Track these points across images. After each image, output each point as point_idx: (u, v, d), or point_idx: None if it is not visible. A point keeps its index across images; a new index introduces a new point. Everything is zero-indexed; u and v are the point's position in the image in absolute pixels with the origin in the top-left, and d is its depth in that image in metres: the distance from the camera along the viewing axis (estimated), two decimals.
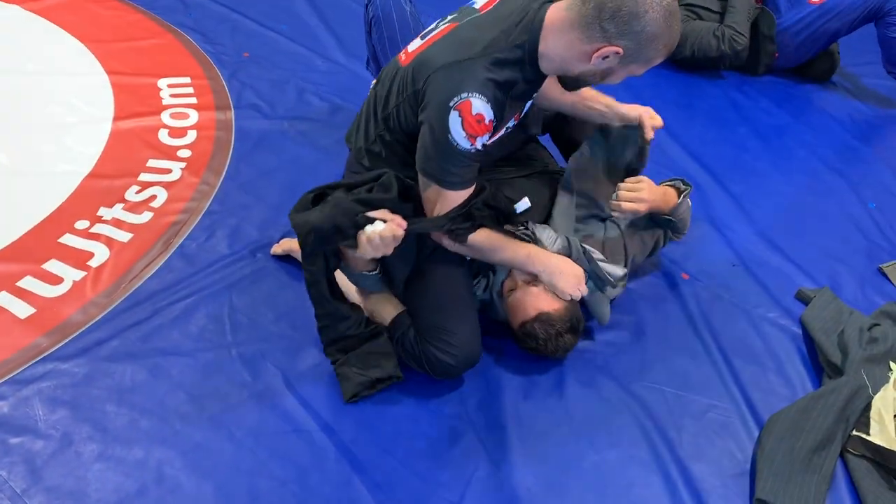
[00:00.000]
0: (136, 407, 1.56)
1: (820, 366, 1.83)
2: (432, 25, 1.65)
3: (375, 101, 1.70)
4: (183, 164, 2.25)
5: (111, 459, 1.46)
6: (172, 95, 2.54)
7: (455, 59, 1.48)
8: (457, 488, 1.49)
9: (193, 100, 2.53)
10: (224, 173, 2.25)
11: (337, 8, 3.18)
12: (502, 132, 1.66)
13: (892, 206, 2.43)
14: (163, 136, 2.35)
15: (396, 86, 1.61)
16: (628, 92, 2.24)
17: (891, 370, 1.73)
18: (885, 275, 2.14)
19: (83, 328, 1.71)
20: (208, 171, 2.23)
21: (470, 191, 1.57)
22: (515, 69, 1.50)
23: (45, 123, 2.34)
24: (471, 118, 1.46)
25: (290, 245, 1.93)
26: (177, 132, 2.38)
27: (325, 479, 1.47)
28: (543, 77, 1.58)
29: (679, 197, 1.86)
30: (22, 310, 1.73)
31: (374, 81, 1.88)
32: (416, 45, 1.63)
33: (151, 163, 2.23)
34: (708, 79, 3.07)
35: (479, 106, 1.46)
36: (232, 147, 2.36)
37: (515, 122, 1.70)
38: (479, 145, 1.51)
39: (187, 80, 2.63)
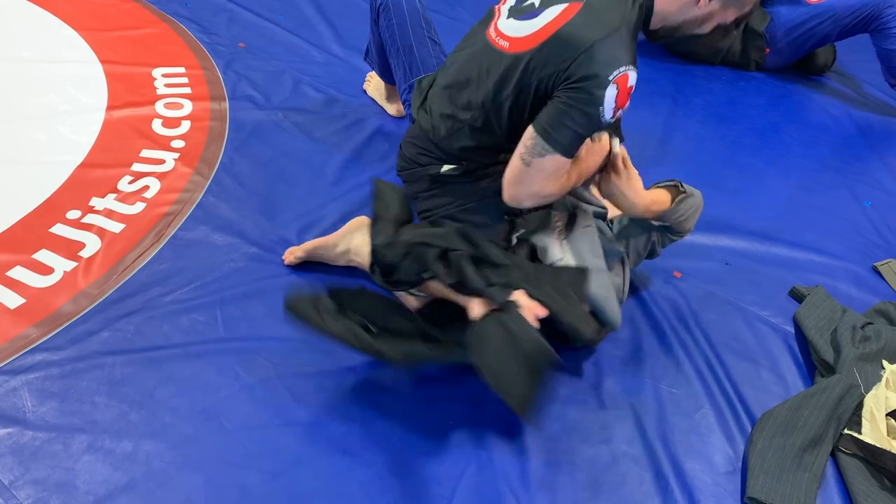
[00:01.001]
0: (125, 399, 1.55)
1: (813, 364, 1.83)
2: (528, 4, 1.62)
3: (464, 93, 1.68)
4: (176, 155, 2.23)
5: (100, 451, 1.45)
6: (167, 85, 2.52)
7: (605, 34, 1.47)
8: (448, 483, 1.48)
9: (188, 90, 2.52)
10: (218, 164, 2.23)
11: None
12: None
13: (888, 205, 2.43)
14: (156, 126, 2.33)
15: (512, 73, 1.58)
16: None
17: (883, 369, 1.73)
18: (879, 273, 2.14)
19: (73, 319, 1.70)
20: (202, 162, 2.22)
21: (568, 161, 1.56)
22: (637, 29, 1.54)
23: (38, 112, 2.32)
24: (625, 90, 1.49)
25: (313, 250, 1.88)
26: (171, 122, 2.36)
27: (315, 472, 1.47)
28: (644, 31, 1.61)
29: (672, 202, 1.78)
30: (11, 300, 1.72)
31: (430, 75, 1.88)
32: (517, 29, 1.60)
33: (145, 153, 2.21)
34: (703, 75, 3.06)
35: (633, 78, 1.49)
36: (226, 138, 2.34)
37: None
38: (617, 115, 1.53)
39: (182, 69, 2.61)
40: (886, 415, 1.63)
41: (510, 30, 1.63)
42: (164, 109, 2.41)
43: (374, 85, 2.58)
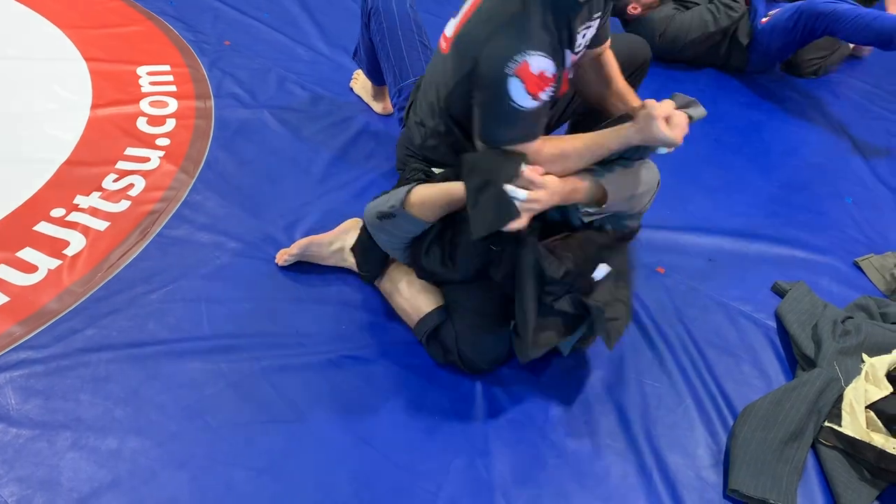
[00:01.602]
0: (110, 397, 1.55)
1: (794, 358, 1.85)
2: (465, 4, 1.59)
3: (426, 97, 1.68)
4: (161, 153, 2.23)
5: (84, 449, 1.45)
6: (152, 83, 2.52)
7: (494, 29, 1.42)
8: (435, 478, 1.49)
9: (173, 88, 2.51)
10: (203, 162, 2.23)
11: None
12: (581, 51, 1.58)
13: (868, 201, 2.45)
14: (141, 124, 2.33)
15: (445, 76, 1.58)
16: None
17: (863, 362, 1.76)
18: (859, 268, 2.16)
19: (58, 317, 1.70)
20: (187, 160, 2.22)
21: (536, 142, 1.48)
22: (558, 10, 1.44)
23: (22, 110, 2.31)
24: (532, 77, 1.40)
25: (306, 246, 1.87)
26: (156, 120, 2.35)
27: (302, 469, 1.47)
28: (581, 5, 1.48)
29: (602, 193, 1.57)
30: None
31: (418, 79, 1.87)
32: (451, 28, 1.58)
33: (129, 151, 2.21)
34: (687, 75, 3.08)
35: (538, 63, 1.39)
36: (211, 136, 2.34)
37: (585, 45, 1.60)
38: (545, 97, 1.44)
39: (167, 67, 2.60)
40: (866, 407, 1.65)
41: (448, 29, 1.61)
42: (149, 107, 2.40)
43: (360, 83, 2.58)
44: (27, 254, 1.84)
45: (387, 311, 1.80)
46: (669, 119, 1.48)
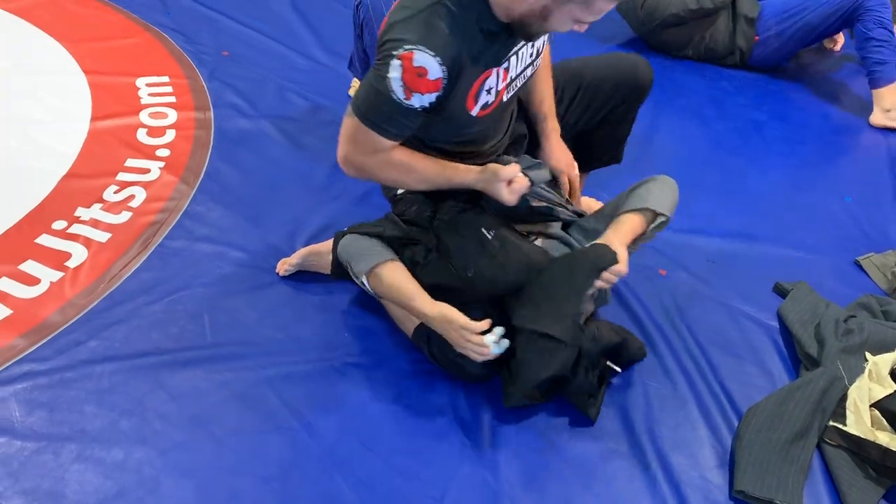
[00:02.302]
0: (115, 408, 1.55)
1: (797, 358, 1.85)
2: None
3: None
4: (162, 164, 2.24)
5: (90, 460, 1.45)
6: (151, 95, 2.53)
7: (404, 16, 1.42)
8: (440, 485, 1.49)
9: (172, 99, 2.52)
10: (203, 173, 2.24)
11: (317, 6, 3.17)
12: (494, 104, 1.58)
13: (868, 200, 2.45)
14: (141, 135, 2.34)
15: None
16: None
17: (866, 361, 1.75)
18: (861, 267, 2.16)
19: (61, 329, 1.70)
20: (187, 171, 2.22)
21: (388, 144, 1.51)
22: (471, 19, 1.42)
23: (21, 123, 2.32)
24: (412, 69, 1.39)
25: (306, 256, 1.88)
26: (155, 131, 2.36)
27: (307, 477, 1.47)
28: (506, 28, 1.47)
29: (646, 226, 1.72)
30: None
31: None
32: None
33: (130, 162, 2.22)
34: (684, 73, 3.09)
35: (422, 59, 1.38)
36: (211, 146, 2.35)
37: (500, 95, 1.58)
38: (415, 104, 1.43)
39: (166, 79, 2.61)
40: (870, 406, 1.65)
41: None
42: (149, 119, 2.41)
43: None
44: (29, 266, 1.84)
45: (388, 317, 1.80)
46: (511, 182, 1.57)
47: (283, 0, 3.18)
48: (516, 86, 1.64)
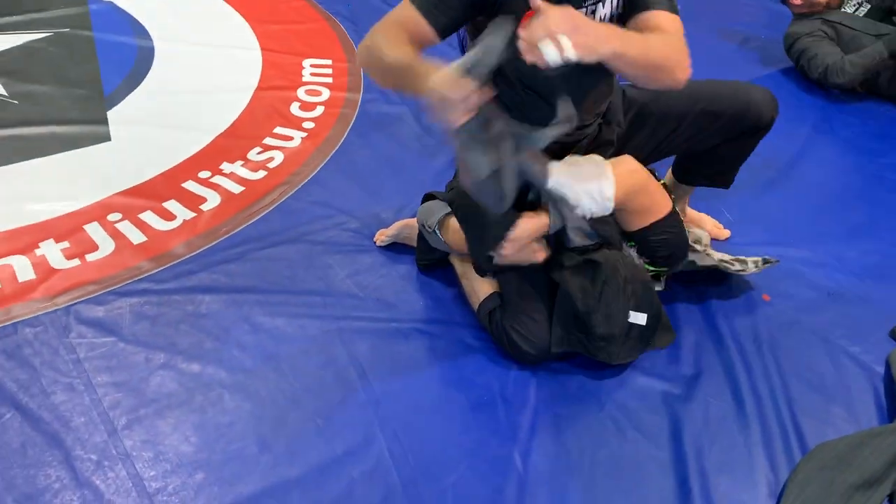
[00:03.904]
0: (204, 330, 1.76)
1: (895, 408, 1.69)
2: None
3: None
4: (304, 134, 2.46)
5: (173, 369, 1.66)
6: (312, 74, 2.78)
7: None
8: (466, 457, 1.54)
9: (329, 80, 2.76)
10: (339, 146, 2.43)
11: None
12: None
13: None
14: (294, 108, 2.58)
15: None
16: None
17: None
18: None
19: (181, 259, 1.95)
20: (325, 143, 2.43)
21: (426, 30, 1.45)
22: None
23: (203, 88, 2.65)
24: None
25: (401, 228, 2.00)
26: (307, 106, 2.60)
27: (348, 421, 1.58)
28: None
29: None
30: (136, 237, 2.00)
31: None
32: None
33: (277, 129, 2.46)
34: (856, 106, 2.87)
35: None
36: (352, 124, 2.55)
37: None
38: None
39: (329, 62, 2.86)
40: None
41: None
42: (305, 94, 2.66)
43: None
44: (171, 205, 2.12)
45: (462, 294, 1.88)
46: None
47: None
48: None
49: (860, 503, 1.47)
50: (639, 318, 1.64)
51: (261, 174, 2.27)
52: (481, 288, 1.78)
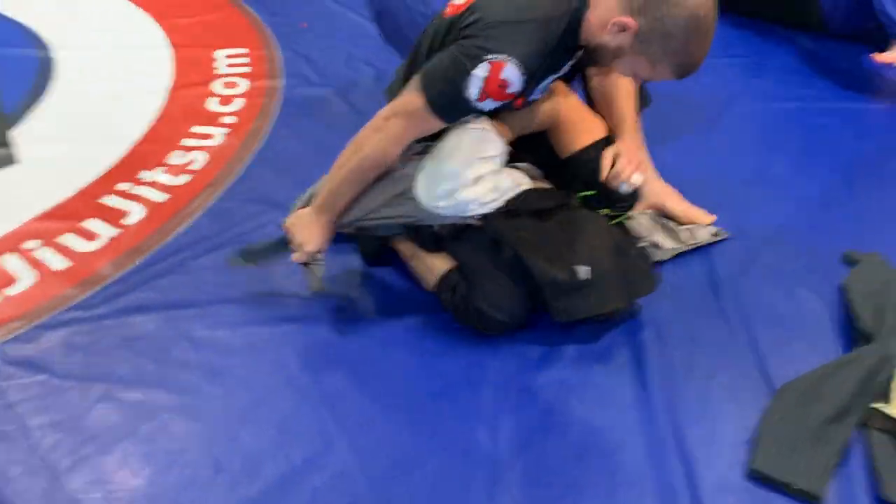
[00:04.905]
0: (142, 354, 1.66)
1: (855, 336, 1.68)
2: None
3: (415, 56, 1.68)
4: (227, 130, 2.35)
5: (112, 400, 1.56)
6: (228, 66, 2.66)
7: (512, 19, 1.44)
8: (431, 439, 1.49)
9: (247, 69, 2.64)
10: (265, 139, 2.33)
11: None
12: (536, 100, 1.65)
13: None
14: (212, 103, 2.46)
15: (440, 36, 1.58)
16: None
17: None
18: None
19: (109, 280, 1.83)
20: (249, 137, 2.32)
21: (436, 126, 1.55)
22: (564, 38, 1.47)
23: (111, 94, 2.51)
24: (496, 79, 1.43)
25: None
26: (226, 100, 2.48)
27: (304, 427, 1.51)
28: (576, 47, 1.53)
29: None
30: (58, 263, 1.88)
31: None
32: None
33: (195, 129, 2.35)
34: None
35: (511, 73, 1.43)
36: (277, 115, 2.44)
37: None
38: (485, 107, 1.50)
39: (245, 50, 2.74)
40: None
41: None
42: (222, 88, 2.53)
43: None
44: (91, 223, 1.99)
45: (411, 277, 1.81)
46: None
47: None
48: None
49: (832, 437, 1.46)
50: (581, 271, 1.59)
51: (184, 178, 2.15)
52: (435, 265, 1.71)
